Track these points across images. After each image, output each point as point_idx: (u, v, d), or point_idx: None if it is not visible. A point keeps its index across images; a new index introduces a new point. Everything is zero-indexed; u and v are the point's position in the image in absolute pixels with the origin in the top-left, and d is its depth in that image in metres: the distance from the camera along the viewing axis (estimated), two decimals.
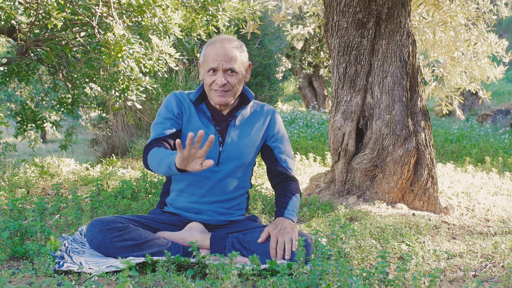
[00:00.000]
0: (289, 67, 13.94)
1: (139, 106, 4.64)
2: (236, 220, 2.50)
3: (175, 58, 4.16)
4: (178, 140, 1.90)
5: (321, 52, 14.01)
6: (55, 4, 3.83)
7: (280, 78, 14.18)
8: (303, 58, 14.18)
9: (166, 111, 2.44)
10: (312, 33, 6.76)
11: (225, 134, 2.45)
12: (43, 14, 4.40)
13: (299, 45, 13.86)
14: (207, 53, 2.38)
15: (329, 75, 14.50)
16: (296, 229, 2.30)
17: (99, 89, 5.62)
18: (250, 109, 2.53)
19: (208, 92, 2.42)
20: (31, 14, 4.70)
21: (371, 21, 3.39)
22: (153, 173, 2.79)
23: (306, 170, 5.13)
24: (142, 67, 4.08)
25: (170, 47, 4.12)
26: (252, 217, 2.56)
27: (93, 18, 4.23)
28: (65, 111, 6.08)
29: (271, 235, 2.24)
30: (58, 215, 3.04)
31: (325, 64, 14.51)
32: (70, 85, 5.35)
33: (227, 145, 2.43)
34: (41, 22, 4.53)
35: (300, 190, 2.56)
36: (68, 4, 4.18)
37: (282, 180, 2.55)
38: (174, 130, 2.40)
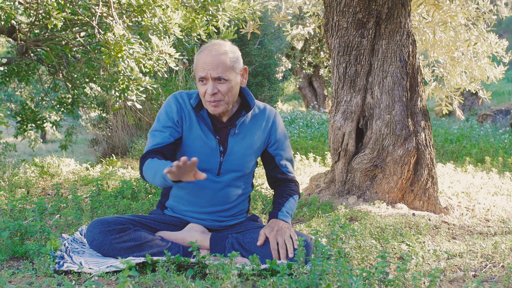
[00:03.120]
0: (289, 67, 13.94)
1: (139, 106, 4.64)
2: (237, 223, 2.49)
3: (175, 58, 4.16)
4: (175, 163, 1.88)
5: (321, 52, 14.01)
6: (55, 4, 3.82)
7: (280, 78, 14.18)
8: (303, 58, 14.18)
9: (166, 118, 2.35)
10: (312, 33, 6.76)
11: (225, 143, 2.38)
12: (43, 14, 4.40)
13: (299, 45, 13.86)
14: (197, 62, 2.29)
15: (329, 75, 14.50)
16: (292, 229, 2.30)
17: (99, 89, 5.62)
18: (251, 113, 2.43)
19: (203, 102, 2.33)
20: (31, 14, 4.70)
21: (371, 21, 3.39)
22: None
23: (306, 170, 5.13)
24: (142, 67, 4.07)
25: (170, 47, 4.11)
26: (253, 217, 2.56)
27: (93, 18, 4.23)
28: (65, 111, 6.08)
29: (270, 238, 2.22)
30: (58, 215, 3.04)
31: (325, 64, 14.51)
32: (70, 85, 5.35)
33: (228, 156, 2.37)
34: (41, 22, 4.53)
35: (299, 192, 2.54)
36: (68, 4, 4.18)
37: (282, 184, 2.54)
38: (172, 139, 2.32)
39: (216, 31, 4.62)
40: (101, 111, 6.80)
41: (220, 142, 2.38)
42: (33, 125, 5.84)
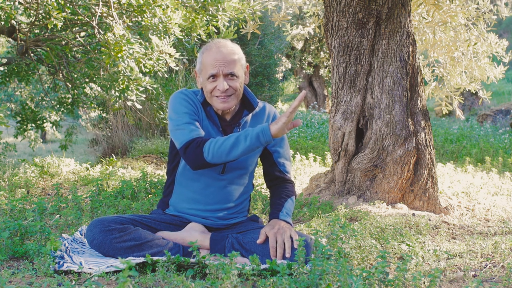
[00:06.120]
0: (289, 67, 13.94)
1: (139, 106, 4.64)
2: (238, 222, 2.50)
3: (175, 58, 4.16)
4: (304, 92, 2.10)
5: (321, 52, 14.01)
6: (55, 4, 3.83)
7: (280, 78, 14.19)
8: (303, 58, 14.18)
9: (188, 111, 2.33)
10: (312, 33, 6.76)
11: None
12: (43, 14, 4.40)
13: (299, 45, 13.86)
14: (204, 60, 2.31)
15: (329, 75, 14.50)
16: (293, 229, 2.30)
17: (99, 89, 5.61)
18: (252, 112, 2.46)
19: (209, 99, 2.35)
20: (31, 14, 4.71)
21: (371, 21, 3.39)
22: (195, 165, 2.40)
23: (306, 170, 5.13)
24: (142, 67, 4.07)
25: (170, 47, 4.11)
26: (253, 217, 2.56)
27: (93, 18, 4.23)
28: (65, 111, 6.08)
29: (270, 235, 2.23)
30: (58, 215, 3.04)
31: (325, 64, 14.51)
32: (70, 85, 5.35)
33: None
34: (41, 22, 4.53)
35: (295, 193, 2.56)
36: (68, 4, 4.18)
37: (279, 183, 2.55)
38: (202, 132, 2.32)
39: (216, 31, 4.62)
40: (101, 111, 6.80)
41: None
42: (33, 125, 5.84)
